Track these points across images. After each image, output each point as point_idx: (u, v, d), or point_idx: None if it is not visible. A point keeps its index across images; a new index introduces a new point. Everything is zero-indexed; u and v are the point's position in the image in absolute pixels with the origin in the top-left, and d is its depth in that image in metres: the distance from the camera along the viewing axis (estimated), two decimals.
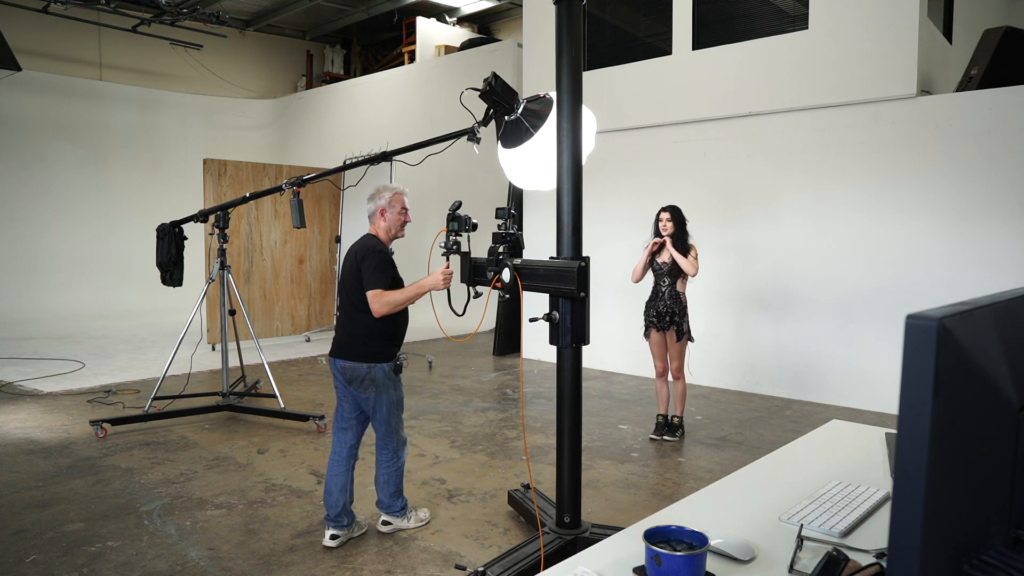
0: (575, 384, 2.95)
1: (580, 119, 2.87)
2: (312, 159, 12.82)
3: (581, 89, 2.87)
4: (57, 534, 3.38)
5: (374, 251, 3.21)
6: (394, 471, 3.37)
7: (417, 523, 3.48)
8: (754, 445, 4.84)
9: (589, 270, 2.78)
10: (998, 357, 0.86)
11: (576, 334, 2.84)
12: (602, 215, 7.40)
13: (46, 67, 11.73)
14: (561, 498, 2.99)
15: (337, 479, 3.31)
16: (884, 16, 5.54)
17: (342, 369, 3.22)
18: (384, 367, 3.20)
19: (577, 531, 2.98)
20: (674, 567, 1.22)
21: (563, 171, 2.88)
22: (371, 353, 3.19)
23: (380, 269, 3.17)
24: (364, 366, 3.17)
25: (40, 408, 5.74)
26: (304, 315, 9.21)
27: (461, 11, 12.56)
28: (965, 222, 5.31)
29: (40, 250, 11.37)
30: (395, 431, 3.32)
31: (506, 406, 5.98)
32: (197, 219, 5.19)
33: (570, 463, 2.96)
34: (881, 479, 1.82)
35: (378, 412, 3.26)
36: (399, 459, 3.37)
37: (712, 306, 6.51)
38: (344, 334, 3.27)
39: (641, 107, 7.04)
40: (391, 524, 3.42)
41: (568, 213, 2.89)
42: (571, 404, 2.95)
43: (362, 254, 3.21)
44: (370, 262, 3.16)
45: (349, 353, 3.21)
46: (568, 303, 2.81)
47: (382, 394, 3.22)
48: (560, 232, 2.91)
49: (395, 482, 3.38)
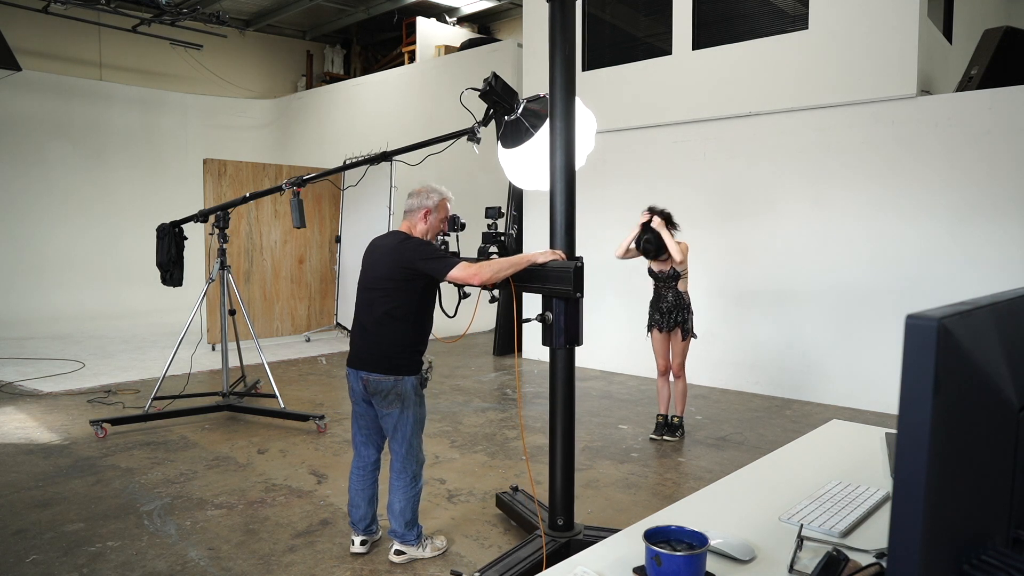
0: (568, 385, 2.90)
1: (573, 118, 2.84)
2: (312, 159, 12.82)
3: (574, 87, 2.84)
4: (57, 534, 3.38)
5: (424, 245, 2.94)
6: (412, 497, 3.09)
7: (433, 552, 3.19)
8: (754, 445, 4.84)
9: (583, 271, 2.72)
10: (998, 357, 0.86)
11: (570, 335, 2.78)
12: (601, 215, 7.40)
13: (46, 67, 11.73)
14: (554, 500, 2.95)
15: (364, 492, 3.17)
16: (884, 16, 5.54)
17: (365, 382, 2.97)
18: (412, 380, 2.98)
19: (571, 533, 2.94)
20: (674, 567, 1.22)
21: (556, 170, 2.84)
22: (399, 365, 2.95)
23: (442, 253, 2.93)
24: (391, 379, 2.93)
25: (40, 408, 5.73)
26: (304, 315, 9.21)
27: (461, 11, 12.56)
28: (965, 222, 5.31)
29: (40, 250, 11.36)
30: (415, 453, 3.07)
31: (506, 406, 5.98)
32: (197, 219, 5.19)
33: (563, 465, 2.91)
34: (881, 479, 1.82)
35: (400, 431, 3.01)
36: (418, 484, 3.11)
37: (712, 306, 6.51)
38: (373, 344, 2.97)
39: (641, 107, 7.04)
40: (405, 554, 3.14)
41: (561, 213, 2.84)
42: (564, 405, 2.90)
43: (409, 252, 2.90)
44: (424, 252, 2.89)
45: (377, 365, 2.95)
46: (562, 303, 2.76)
47: (407, 410, 2.98)
48: (553, 232, 2.86)
49: (412, 510, 3.11)
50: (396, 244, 2.97)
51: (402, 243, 2.96)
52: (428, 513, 3.66)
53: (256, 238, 8.58)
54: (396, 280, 2.93)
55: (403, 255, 2.91)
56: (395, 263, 2.93)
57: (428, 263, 2.86)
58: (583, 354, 7.49)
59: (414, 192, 3.10)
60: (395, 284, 2.93)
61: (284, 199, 8.47)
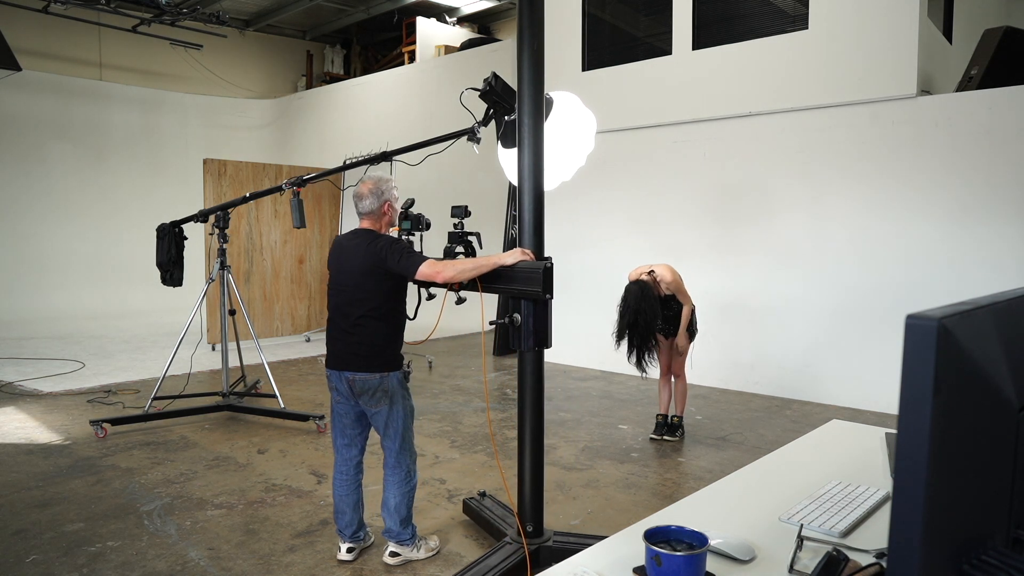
0: (537, 389, 2.83)
1: (542, 113, 2.78)
2: (312, 159, 12.82)
3: (543, 81, 2.77)
4: (57, 534, 3.38)
5: (396, 242, 2.92)
6: (406, 493, 3.07)
7: (427, 553, 3.17)
8: (754, 445, 4.84)
9: (553, 271, 2.65)
10: (998, 357, 0.86)
11: (539, 337, 2.72)
12: (601, 215, 7.41)
13: (46, 67, 11.73)
14: (523, 506, 2.86)
15: (348, 498, 3.14)
16: (884, 16, 5.54)
17: (351, 382, 2.96)
18: (397, 375, 2.99)
19: (540, 540, 2.86)
20: (674, 567, 1.22)
21: (524, 168, 2.77)
22: (383, 362, 2.95)
23: (411, 251, 2.91)
24: (376, 376, 2.93)
25: (40, 408, 5.73)
26: (304, 315, 9.20)
27: (461, 11, 12.56)
28: (965, 222, 5.31)
29: (40, 250, 11.37)
30: (409, 447, 3.07)
31: (506, 406, 5.98)
32: (197, 219, 5.19)
33: (532, 470, 2.85)
34: (881, 479, 1.82)
35: (392, 425, 3.00)
36: (412, 479, 3.09)
37: (712, 306, 6.50)
38: (353, 344, 2.96)
39: (641, 107, 7.04)
40: (400, 555, 3.12)
41: (530, 212, 2.77)
42: (533, 409, 2.83)
43: (381, 252, 2.89)
44: (395, 251, 2.88)
45: (361, 364, 2.94)
46: (531, 305, 2.70)
47: (396, 404, 2.98)
48: (521, 232, 2.79)
49: (407, 507, 3.08)
50: (367, 244, 2.95)
51: (372, 243, 2.94)
52: (428, 513, 3.66)
53: (256, 238, 8.58)
54: (371, 280, 2.92)
55: (376, 255, 2.90)
56: (369, 263, 2.91)
57: (399, 262, 2.87)
58: (583, 354, 7.53)
59: (364, 193, 3.03)
60: (372, 284, 2.93)
61: (284, 199, 8.46)
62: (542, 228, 2.80)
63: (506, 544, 2.85)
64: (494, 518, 3.28)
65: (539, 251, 2.79)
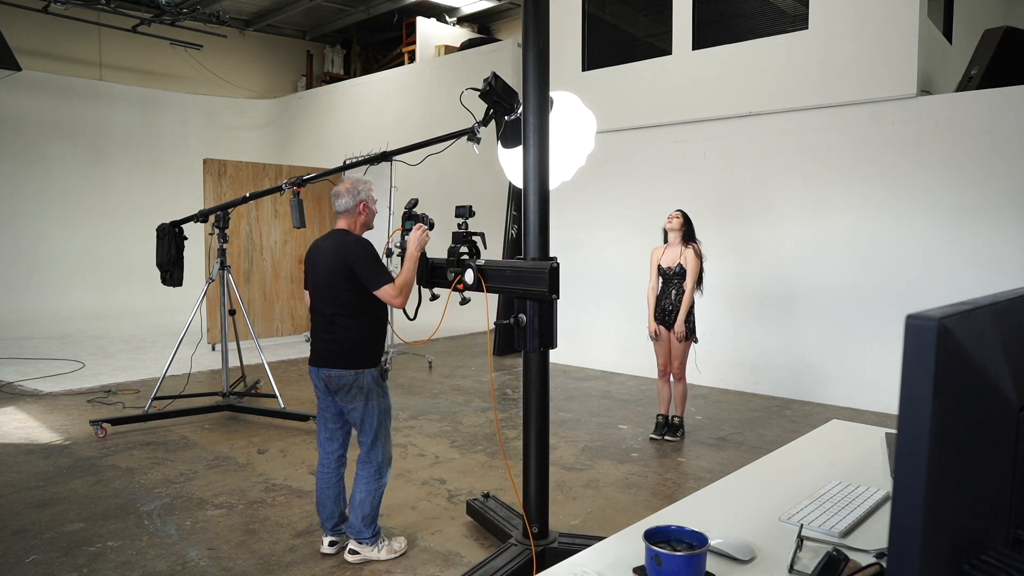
0: (542, 390, 2.82)
1: (547, 111, 2.78)
2: (312, 159, 12.82)
3: (548, 80, 2.78)
4: (57, 534, 3.38)
5: (364, 246, 3.00)
6: (373, 490, 3.08)
7: (390, 555, 3.13)
8: (754, 445, 4.84)
9: (559, 271, 2.64)
10: (998, 357, 0.86)
11: (544, 338, 2.71)
12: (602, 215, 7.41)
13: (46, 67, 11.73)
14: (528, 508, 2.85)
15: (330, 491, 3.17)
16: (884, 16, 5.54)
17: (327, 378, 3.04)
18: (372, 372, 3.03)
19: (545, 541, 2.85)
20: (674, 567, 1.22)
21: (529, 167, 2.77)
22: (358, 359, 3.00)
23: (379, 263, 2.98)
24: (351, 373, 2.99)
25: (40, 408, 5.73)
26: (304, 315, 9.19)
27: (461, 11, 12.56)
28: (965, 222, 5.31)
29: (40, 250, 11.37)
30: (381, 444, 3.09)
31: (506, 406, 5.98)
32: (197, 219, 5.19)
33: (537, 471, 2.83)
34: (881, 479, 1.82)
35: (367, 422, 3.05)
36: (381, 478, 3.10)
37: (712, 306, 6.50)
38: (330, 341, 3.03)
39: (641, 107, 7.04)
40: (359, 553, 3.11)
41: (535, 212, 2.76)
42: (538, 411, 2.82)
43: (350, 251, 2.96)
44: (363, 255, 2.95)
45: (337, 361, 3.00)
46: (536, 305, 2.68)
47: (371, 401, 3.03)
48: (526, 231, 2.77)
49: (371, 504, 3.09)
50: (338, 243, 3.02)
51: (344, 242, 3.02)
52: (428, 512, 3.66)
53: (256, 238, 8.58)
54: (340, 279, 2.98)
55: (346, 254, 2.97)
56: (338, 262, 2.98)
57: (363, 269, 2.95)
58: (583, 354, 7.53)
59: (342, 192, 3.10)
60: (341, 283, 2.98)
61: (284, 199, 8.47)
62: (547, 227, 2.79)
63: (512, 545, 2.85)
64: (499, 519, 3.28)
65: (544, 249, 2.78)
